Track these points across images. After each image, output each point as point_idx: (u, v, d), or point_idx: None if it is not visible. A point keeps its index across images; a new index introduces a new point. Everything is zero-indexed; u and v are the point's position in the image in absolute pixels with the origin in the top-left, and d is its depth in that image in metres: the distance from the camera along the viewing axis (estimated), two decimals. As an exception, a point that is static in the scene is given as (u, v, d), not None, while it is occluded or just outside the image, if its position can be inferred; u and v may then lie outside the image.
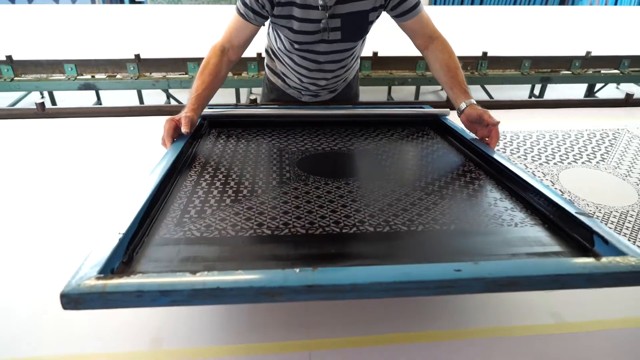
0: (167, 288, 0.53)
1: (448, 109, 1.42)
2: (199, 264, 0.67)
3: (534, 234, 0.78)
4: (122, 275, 0.56)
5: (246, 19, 1.28)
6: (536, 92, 3.70)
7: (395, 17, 1.32)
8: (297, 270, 0.56)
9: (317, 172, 1.03)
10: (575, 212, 0.77)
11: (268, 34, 1.57)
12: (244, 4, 1.26)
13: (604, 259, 0.61)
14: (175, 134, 1.12)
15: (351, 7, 1.26)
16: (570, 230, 0.77)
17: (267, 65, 1.66)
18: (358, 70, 1.73)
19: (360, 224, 0.80)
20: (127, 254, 0.66)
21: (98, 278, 0.55)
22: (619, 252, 0.64)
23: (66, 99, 3.65)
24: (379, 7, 1.29)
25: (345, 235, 0.76)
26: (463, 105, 1.21)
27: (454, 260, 0.64)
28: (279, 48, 1.49)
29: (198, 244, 0.72)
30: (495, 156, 1.07)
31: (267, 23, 1.44)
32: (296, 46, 1.38)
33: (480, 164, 1.11)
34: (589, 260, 0.61)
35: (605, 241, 0.68)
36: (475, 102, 1.22)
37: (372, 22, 1.33)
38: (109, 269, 0.59)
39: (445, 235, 0.78)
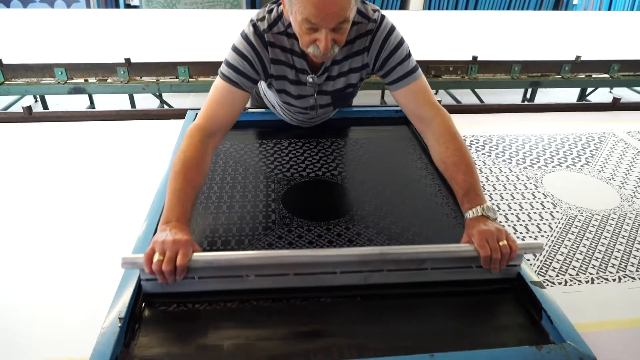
0: None
1: None
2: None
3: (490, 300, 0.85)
4: None
5: (240, 87, 1.08)
6: (529, 95, 3.72)
7: (386, 84, 1.19)
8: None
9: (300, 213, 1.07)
10: (530, 282, 0.83)
11: None
12: (235, 70, 1.07)
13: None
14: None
15: (341, 82, 1.19)
16: (524, 299, 0.83)
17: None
18: None
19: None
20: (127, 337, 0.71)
21: None
22: (559, 335, 0.73)
23: (60, 102, 3.64)
24: (366, 73, 1.20)
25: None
26: (466, 215, 0.94)
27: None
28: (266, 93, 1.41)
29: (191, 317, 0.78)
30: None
31: None
32: (289, 107, 1.31)
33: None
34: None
35: (551, 321, 0.75)
36: (480, 211, 0.91)
37: (359, 85, 1.25)
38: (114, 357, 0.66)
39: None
